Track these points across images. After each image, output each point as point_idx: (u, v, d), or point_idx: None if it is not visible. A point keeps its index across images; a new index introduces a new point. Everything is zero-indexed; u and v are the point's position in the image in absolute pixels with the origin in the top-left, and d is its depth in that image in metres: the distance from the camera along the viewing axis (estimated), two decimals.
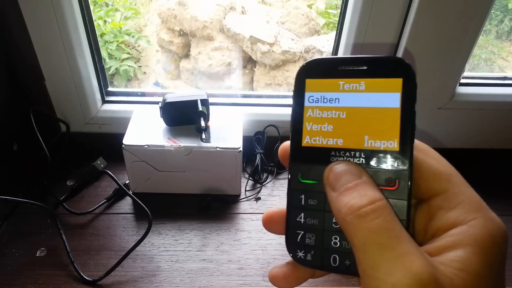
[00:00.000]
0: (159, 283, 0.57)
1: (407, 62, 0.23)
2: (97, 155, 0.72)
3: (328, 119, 0.24)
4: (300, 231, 0.24)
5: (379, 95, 0.23)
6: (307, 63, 0.24)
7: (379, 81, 0.23)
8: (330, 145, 0.24)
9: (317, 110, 0.24)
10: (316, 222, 0.24)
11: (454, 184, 0.22)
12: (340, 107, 0.24)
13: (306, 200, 0.24)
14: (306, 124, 0.24)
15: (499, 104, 0.73)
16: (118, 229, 0.64)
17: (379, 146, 0.23)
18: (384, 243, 0.20)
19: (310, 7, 1.56)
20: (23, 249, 0.60)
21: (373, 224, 0.20)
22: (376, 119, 0.23)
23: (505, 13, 1.34)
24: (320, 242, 0.24)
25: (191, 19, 1.46)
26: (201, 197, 0.68)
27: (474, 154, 0.79)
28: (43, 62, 0.67)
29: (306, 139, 0.24)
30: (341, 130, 0.24)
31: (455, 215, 0.21)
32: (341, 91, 0.23)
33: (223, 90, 1.50)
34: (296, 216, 0.25)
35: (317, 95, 0.24)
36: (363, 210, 0.21)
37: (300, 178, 0.24)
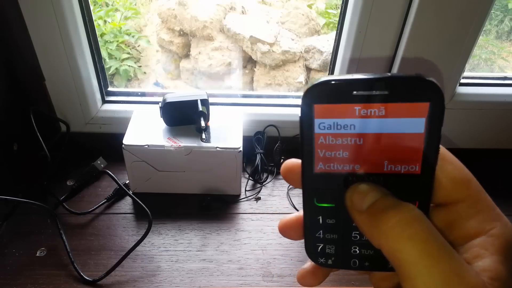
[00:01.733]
0: (159, 283, 0.57)
1: (434, 82, 0.20)
2: (97, 155, 0.72)
3: (343, 146, 0.21)
4: (320, 244, 0.24)
5: (402, 120, 0.20)
6: (314, 86, 0.20)
7: (402, 105, 0.20)
8: (346, 170, 0.22)
9: (330, 137, 0.21)
10: (335, 237, 0.24)
11: (473, 192, 0.22)
12: (357, 134, 0.21)
13: (324, 220, 0.23)
14: (318, 151, 0.22)
15: (499, 104, 0.73)
16: (118, 229, 0.64)
17: (399, 170, 0.22)
18: (435, 254, 0.19)
19: (310, 7, 1.56)
20: (23, 249, 0.60)
21: (419, 233, 0.19)
22: (397, 144, 0.21)
23: (505, 13, 1.34)
24: (340, 251, 0.24)
25: (191, 19, 1.46)
26: (201, 197, 0.68)
27: (474, 154, 0.79)
28: (43, 62, 0.67)
29: (319, 166, 0.22)
30: (358, 156, 0.21)
31: (475, 225, 0.21)
32: (358, 117, 0.20)
33: (223, 90, 1.50)
34: (314, 233, 0.24)
35: (329, 122, 0.21)
36: (405, 217, 0.20)
37: (316, 202, 0.23)
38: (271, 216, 0.67)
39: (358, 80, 0.20)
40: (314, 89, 0.21)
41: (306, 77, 1.48)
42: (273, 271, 0.59)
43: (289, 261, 0.61)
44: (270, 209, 0.69)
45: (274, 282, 0.58)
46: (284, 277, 0.58)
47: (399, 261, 0.19)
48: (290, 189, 0.72)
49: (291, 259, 0.61)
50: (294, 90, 1.47)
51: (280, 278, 0.58)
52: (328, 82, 0.20)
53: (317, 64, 1.44)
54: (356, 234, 0.23)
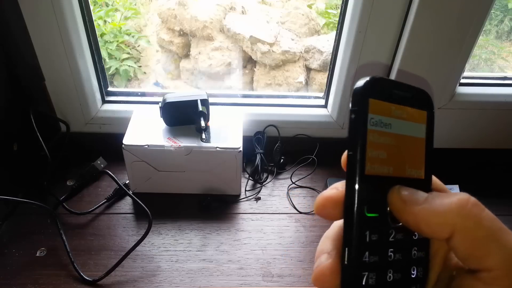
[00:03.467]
0: (159, 283, 0.57)
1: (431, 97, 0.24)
2: (97, 155, 0.72)
3: (383, 145, 0.22)
4: (365, 271, 0.21)
5: (414, 125, 0.23)
6: (372, 80, 0.21)
7: (414, 111, 0.23)
8: (384, 173, 0.22)
9: (377, 134, 0.21)
10: (377, 260, 0.21)
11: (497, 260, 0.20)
12: (392, 133, 0.22)
13: (371, 236, 0.21)
14: (368, 150, 0.21)
15: (499, 104, 0.73)
16: (118, 229, 0.64)
17: (413, 175, 0.23)
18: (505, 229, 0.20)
19: (310, 7, 1.56)
20: (23, 249, 0.60)
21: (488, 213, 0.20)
22: (412, 148, 0.23)
23: (505, 13, 1.34)
24: (379, 279, 0.22)
25: (191, 19, 1.46)
26: (201, 197, 0.68)
27: (474, 154, 0.79)
28: (43, 62, 0.67)
29: (368, 167, 0.21)
30: (392, 157, 0.22)
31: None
32: (392, 116, 0.22)
33: (223, 90, 1.50)
34: (361, 256, 0.21)
35: (377, 118, 0.21)
36: (473, 199, 0.21)
37: (366, 212, 0.21)
38: (271, 216, 0.67)
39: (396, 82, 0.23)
40: (371, 83, 0.21)
41: (306, 77, 1.48)
42: (273, 271, 0.59)
43: (289, 261, 0.61)
44: (270, 209, 0.69)
45: (274, 282, 0.58)
46: (284, 277, 0.58)
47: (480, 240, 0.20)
48: (290, 189, 0.72)
49: (291, 259, 0.61)
50: (294, 90, 1.47)
51: (280, 278, 0.58)
52: (382, 79, 0.22)
53: (317, 64, 1.44)
54: (391, 253, 0.22)
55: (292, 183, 0.73)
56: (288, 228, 0.66)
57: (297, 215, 0.68)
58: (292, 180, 0.73)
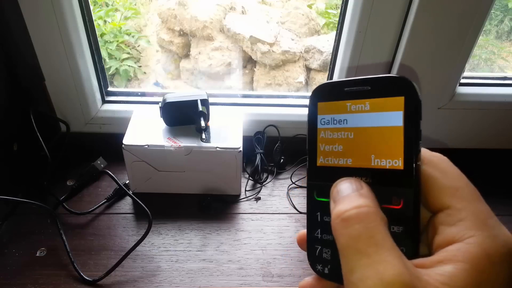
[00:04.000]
0: (159, 283, 0.57)
1: (408, 80, 0.22)
2: (97, 155, 0.72)
3: (338, 140, 0.25)
4: (318, 245, 0.26)
5: (383, 114, 0.23)
6: (318, 87, 0.26)
7: (382, 100, 0.23)
8: (340, 165, 0.25)
9: (328, 131, 0.25)
10: (331, 238, 0.24)
11: (459, 199, 0.22)
12: (348, 128, 0.24)
13: (322, 217, 0.25)
14: (320, 145, 0.26)
15: (499, 104, 0.73)
16: (118, 229, 0.64)
17: (384, 165, 0.23)
18: (361, 249, 0.20)
19: (310, 7, 1.56)
20: (23, 249, 0.60)
21: (353, 230, 0.21)
22: (381, 138, 0.23)
23: (505, 13, 1.34)
24: (336, 256, 0.24)
25: (191, 19, 1.46)
26: (201, 197, 0.68)
27: (474, 154, 0.79)
28: (43, 62, 0.67)
29: (320, 159, 0.26)
30: (350, 150, 0.24)
31: (454, 232, 0.21)
32: (349, 112, 0.24)
33: (223, 90, 1.50)
34: (314, 232, 0.26)
35: (328, 117, 0.25)
36: (346, 214, 0.22)
37: (316, 196, 0.26)
38: (271, 216, 0.67)
39: (348, 80, 0.25)
40: (318, 89, 0.26)
41: (306, 77, 1.48)
42: (273, 271, 0.59)
43: (289, 261, 0.61)
44: (270, 209, 0.69)
45: (274, 282, 0.58)
46: (284, 277, 0.58)
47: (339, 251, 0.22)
48: (290, 189, 0.72)
49: (291, 259, 0.61)
50: (294, 90, 1.47)
51: (280, 278, 0.58)
52: (328, 83, 0.26)
53: (317, 64, 1.44)
54: None
55: (292, 183, 0.73)
56: (288, 228, 0.66)
57: (297, 215, 0.68)
58: (292, 180, 0.73)
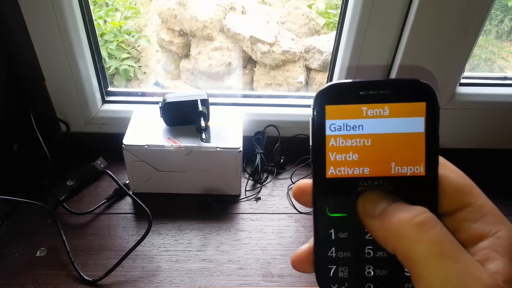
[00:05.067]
0: (159, 283, 0.57)
1: (430, 85, 0.22)
2: (97, 155, 0.72)
3: (353, 148, 0.22)
4: (332, 265, 0.23)
5: (404, 120, 0.22)
6: (326, 88, 0.22)
7: (403, 105, 0.22)
8: (356, 175, 0.23)
9: (340, 138, 0.22)
10: (348, 255, 0.23)
11: (476, 197, 0.22)
12: (365, 134, 0.22)
13: (337, 234, 0.23)
14: (329, 154, 0.22)
15: (499, 104, 0.73)
16: (118, 229, 0.64)
17: (405, 172, 0.22)
18: (449, 254, 0.19)
19: (310, 7, 1.56)
20: (23, 249, 0.60)
21: (432, 234, 0.20)
22: (401, 144, 0.22)
23: (505, 12, 1.34)
24: (354, 274, 0.23)
25: (191, 19, 1.45)
26: (201, 197, 0.68)
27: (474, 154, 0.79)
28: (43, 62, 0.67)
29: (330, 170, 0.23)
30: (367, 158, 0.22)
31: (480, 228, 0.21)
32: (365, 117, 0.22)
33: (223, 90, 1.50)
34: (327, 252, 0.23)
35: (339, 123, 0.22)
36: (419, 219, 0.20)
37: (328, 212, 0.23)
38: (271, 216, 0.67)
39: (364, 82, 0.22)
40: (326, 91, 0.22)
41: (306, 77, 1.48)
42: (273, 271, 0.59)
43: (289, 261, 0.60)
44: (270, 209, 0.69)
45: (274, 282, 0.58)
46: (284, 277, 0.58)
47: (414, 262, 0.20)
48: (290, 189, 0.72)
49: None
50: (294, 90, 1.47)
51: (280, 278, 0.58)
52: (338, 84, 0.22)
53: (317, 64, 1.44)
54: (370, 250, 0.23)
55: (292, 183, 0.73)
56: (288, 228, 0.66)
57: (297, 215, 0.68)
58: (292, 180, 0.73)
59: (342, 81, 0.23)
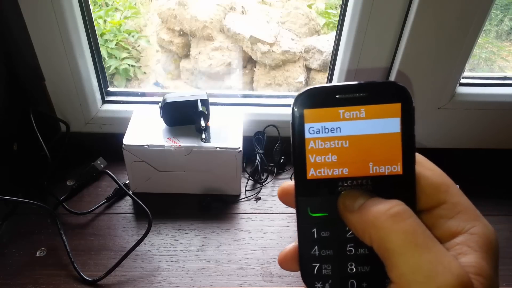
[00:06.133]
0: (159, 283, 0.57)
1: (404, 87, 0.23)
2: (97, 155, 0.72)
3: (332, 149, 0.23)
4: (316, 263, 0.24)
5: (380, 121, 0.23)
6: (304, 93, 0.23)
7: (378, 107, 0.23)
8: (336, 175, 0.24)
9: (319, 141, 0.23)
10: (331, 253, 0.24)
11: (452, 195, 0.23)
12: (343, 136, 0.23)
13: (319, 233, 0.24)
14: (309, 156, 0.24)
15: (499, 104, 0.73)
16: (118, 229, 0.64)
17: (383, 172, 0.23)
18: (422, 244, 0.20)
19: (310, 7, 1.56)
20: (23, 249, 0.60)
21: (407, 225, 0.21)
22: (378, 145, 0.23)
23: (505, 12, 1.34)
24: (337, 270, 0.24)
25: (191, 19, 1.45)
26: (201, 197, 0.68)
27: (474, 154, 0.79)
28: (43, 62, 0.67)
29: (311, 172, 0.24)
30: (346, 159, 0.23)
31: (455, 224, 0.22)
32: (342, 119, 0.23)
33: (223, 90, 1.50)
34: (310, 250, 0.24)
35: (317, 126, 0.23)
36: (394, 210, 0.21)
37: (309, 212, 0.24)
38: (271, 216, 0.67)
39: (340, 86, 0.23)
40: (304, 95, 0.23)
41: (306, 77, 1.48)
42: (273, 271, 0.59)
43: None
44: (270, 209, 0.69)
45: (274, 282, 0.58)
46: (284, 277, 0.58)
47: (388, 252, 0.21)
48: None
49: None
50: (294, 90, 1.47)
51: (280, 278, 0.58)
52: (315, 88, 0.23)
53: (317, 64, 1.44)
54: (351, 247, 0.24)
55: None
56: (288, 228, 0.66)
57: None
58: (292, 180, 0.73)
59: (319, 85, 0.24)
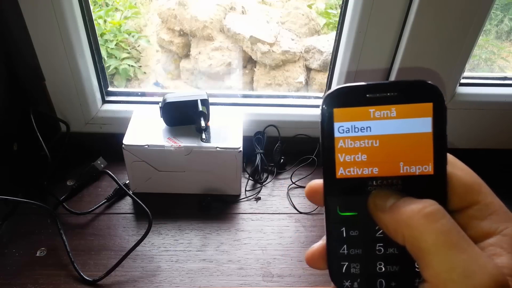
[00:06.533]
0: (159, 283, 0.57)
1: (435, 85, 0.22)
2: (97, 155, 0.72)
3: (361, 149, 0.23)
4: (345, 262, 0.24)
5: (411, 120, 0.23)
6: (334, 92, 0.23)
7: (410, 106, 0.23)
8: (365, 175, 0.23)
9: (349, 140, 0.23)
10: (360, 252, 0.24)
11: (484, 196, 0.23)
12: (373, 136, 0.23)
13: (348, 232, 0.24)
14: (338, 155, 0.23)
15: (499, 104, 0.73)
16: (118, 229, 0.64)
17: (414, 172, 0.23)
18: (457, 244, 0.20)
19: (310, 7, 1.56)
20: (23, 249, 0.60)
21: (441, 225, 0.20)
22: (409, 145, 0.23)
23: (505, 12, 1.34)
24: (366, 269, 0.24)
25: (191, 19, 1.45)
26: (201, 197, 0.68)
27: (474, 154, 0.79)
28: (43, 62, 0.67)
29: (340, 171, 0.24)
30: (376, 158, 0.23)
31: (488, 225, 0.22)
32: (372, 119, 0.23)
33: (223, 90, 1.49)
34: (339, 249, 0.24)
35: (347, 125, 0.23)
36: (428, 210, 0.21)
37: (338, 211, 0.24)
38: (271, 216, 0.67)
39: (371, 85, 0.23)
40: (334, 94, 0.23)
41: (306, 77, 1.48)
42: (273, 271, 0.59)
43: (289, 261, 0.61)
44: (270, 209, 0.69)
45: (274, 282, 0.58)
46: (284, 277, 0.58)
47: (422, 251, 0.20)
48: (290, 189, 0.72)
49: (291, 259, 0.61)
50: (294, 90, 1.47)
51: (280, 278, 0.58)
52: (346, 88, 0.23)
53: (317, 64, 1.44)
54: (380, 247, 0.24)
55: (292, 183, 0.73)
56: (288, 228, 0.66)
57: (297, 215, 0.68)
58: (292, 180, 0.73)
59: (350, 84, 0.23)
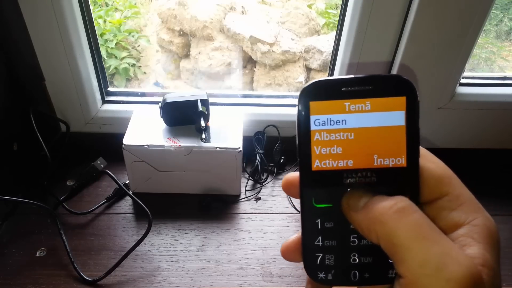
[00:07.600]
0: (159, 283, 0.57)
1: (410, 80, 0.23)
2: (97, 155, 0.72)
3: (337, 141, 0.24)
4: (319, 253, 0.25)
5: (385, 114, 0.23)
6: (310, 85, 0.24)
7: (384, 100, 0.23)
8: (341, 167, 0.24)
9: (325, 133, 0.24)
10: (334, 243, 0.24)
11: (454, 187, 0.23)
12: (348, 129, 0.23)
13: (323, 224, 0.24)
14: (314, 148, 0.24)
15: (499, 104, 0.73)
16: (118, 229, 0.64)
17: (388, 164, 0.23)
18: (429, 237, 0.20)
19: (310, 7, 1.56)
20: (23, 249, 0.60)
21: (413, 219, 0.21)
22: (383, 137, 0.23)
23: (504, 12, 1.34)
24: (340, 261, 0.24)
25: (191, 19, 1.45)
26: (201, 197, 0.68)
27: (474, 154, 0.79)
28: (43, 62, 0.67)
29: (316, 163, 0.24)
30: (351, 151, 0.24)
31: (457, 216, 0.22)
32: (347, 112, 0.23)
33: (223, 90, 1.49)
34: (313, 240, 0.25)
35: (323, 118, 0.24)
36: (399, 205, 0.21)
37: (314, 203, 0.24)
38: (271, 216, 0.67)
39: (346, 79, 0.23)
40: (310, 88, 0.24)
41: (306, 77, 1.48)
42: (273, 271, 0.59)
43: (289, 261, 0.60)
44: (270, 209, 0.69)
45: (274, 282, 0.58)
46: (284, 277, 0.58)
47: (396, 247, 0.21)
48: None
49: None
50: (294, 90, 1.47)
51: (280, 278, 0.58)
52: (321, 81, 0.24)
53: (317, 64, 1.44)
54: (354, 238, 0.24)
55: None
56: (288, 228, 0.66)
57: (297, 215, 0.68)
58: None
59: (325, 78, 0.24)
